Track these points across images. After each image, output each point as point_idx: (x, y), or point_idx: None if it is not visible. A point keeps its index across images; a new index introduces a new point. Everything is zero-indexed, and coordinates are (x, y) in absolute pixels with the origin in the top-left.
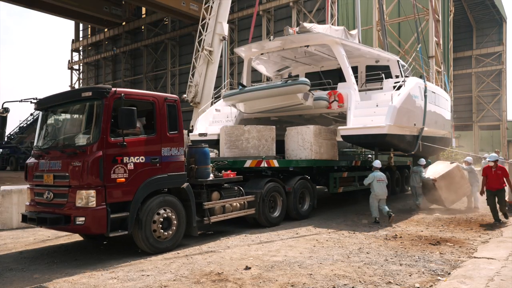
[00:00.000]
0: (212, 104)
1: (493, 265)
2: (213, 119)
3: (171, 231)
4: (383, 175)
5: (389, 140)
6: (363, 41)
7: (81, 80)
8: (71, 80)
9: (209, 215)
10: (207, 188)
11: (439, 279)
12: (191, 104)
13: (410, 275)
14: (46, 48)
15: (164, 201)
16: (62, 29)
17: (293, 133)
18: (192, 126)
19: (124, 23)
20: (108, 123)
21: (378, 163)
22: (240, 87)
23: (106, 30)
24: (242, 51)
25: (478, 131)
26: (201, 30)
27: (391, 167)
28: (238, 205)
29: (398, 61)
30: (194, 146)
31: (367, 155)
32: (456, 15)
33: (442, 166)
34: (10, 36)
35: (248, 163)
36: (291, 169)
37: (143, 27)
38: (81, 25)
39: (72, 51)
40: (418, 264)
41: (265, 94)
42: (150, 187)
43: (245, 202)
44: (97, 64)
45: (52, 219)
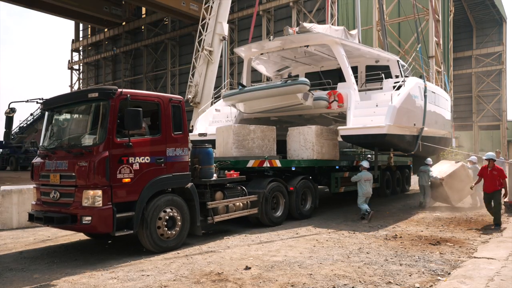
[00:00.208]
0: (212, 104)
1: (493, 265)
2: (213, 119)
3: (176, 231)
4: (370, 174)
5: (389, 140)
6: (363, 41)
7: (81, 80)
8: (71, 80)
9: (213, 215)
10: (211, 188)
11: (439, 279)
12: (191, 104)
13: (410, 275)
14: (46, 48)
15: (168, 201)
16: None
17: (295, 133)
18: (192, 126)
19: (124, 23)
20: (114, 123)
21: (366, 163)
22: (240, 87)
23: (106, 30)
24: (242, 51)
25: (478, 131)
26: (201, 30)
27: (391, 167)
28: (241, 204)
29: (398, 61)
30: (198, 146)
31: (367, 155)
32: (456, 15)
33: (448, 165)
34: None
35: (251, 163)
36: (293, 169)
37: (143, 27)
38: (81, 25)
39: (72, 51)
40: (418, 264)
41: (265, 94)
42: (155, 187)
43: (248, 201)
44: (97, 64)
45: (59, 218)
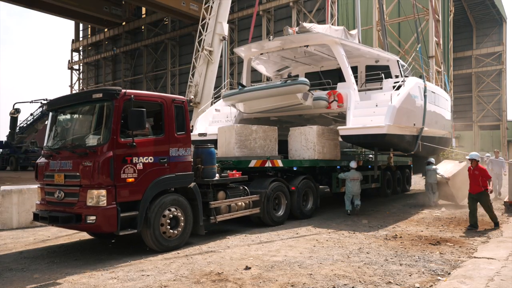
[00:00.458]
0: (212, 104)
1: (493, 265)
2: (212, 119)
3: (178, 230)
4: (358, 174)
5: (389, 140)
6: (363, 41)
7: (81, 80)
8: (71, 80)
9: (215, 214)
10: (213, 187)
11: (439, 279)
12: (191, 104)
13: (410, 275)
14: (46, 48)
15: (172, 201)
16: (62, 29)
17: (296, 134)
18: (192, 126)
19: (124, 23)
20: (118, 124)
21: (354, 163)
22: (240, 87)
23: (106, 30)
24: (242, 51)
25: (478, 131)
26: (201, 30)
27: (391, 167)
28: (243, 204)
29: (398, 61)
30: (201, 147)
31: (367, 155)
32: (456, 15)
33: (452, 165)
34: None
35: (253, 163)
36: (295, 169)
37: (143, 27)
38: (81, 25)
39: (72, 51)
40: (418, 264)
41: (265, 94)
42: (158, 187)
43: (250, 201)
44: (97, 64)
45: (64, 218)
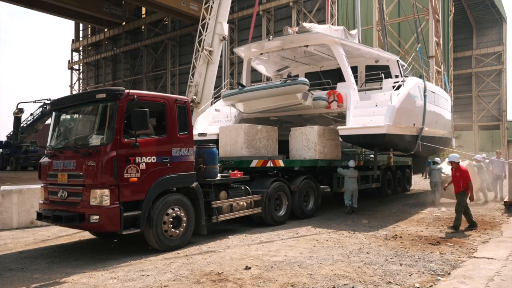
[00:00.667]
0: (212, 104)
1: (493, 265)
2: (212, 119)
3: (181, 230)
4: (356, 172)
5: (388, 140)
6: (363, 41)
7: (81, 80)
8: (71, 80)
9: (217, 214)
10: (215, 187)
11: (439, 279)
12: (191, 104)
13: (410, 275)
14: (46, 48)
15: (174, 200)
16: (62, 29)
17: (297, 134)
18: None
19: (124, 23)
20: (122, 124)
21: (352, 162)
22: (240, 87)
23: (106, 30)
24: (241, 51)
25: (478, 131)
26: (201, 30)
27: (391, 167)
28: (245, 204)
29: (397, 61)
30: (203, 147)
31: (367, 155)
32: (456, 15)
33: None
34: (10, 36)
35: (254, 163)
36: (296, 168)
37: (143, 27)
38: (81, 25)
39: (72, 51)
40: (418, 264)
41: (264, 94)
42: (161, 187)
43: (252, 201)
44: (97, 64)
45: (67, 217)
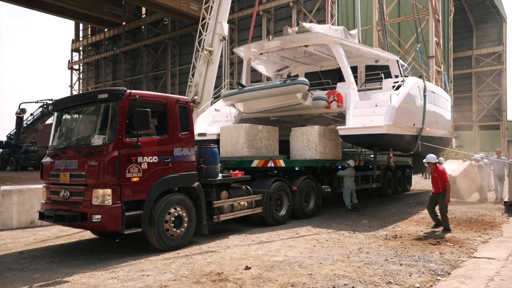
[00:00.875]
0: (212, 104)
1: (493, 265)
2: (212, 119)
3: (183, 229)
4: (354, 171)
5: (388, 140)
6: (363, 41)
7: (81, 80)
8: (71, 80)
9: (218, 214)
10: (216, 187)
11: (439, 279)
12: (192, 104)
13: (410, 275)
14: (46, 48)
15: (176, 200)
16: (62, 29)
17: (298, 134)
18: None
19: (124, 23)
20: (124, 124)
21: (352, 162)
22: (239, 87)
23: (106, 30)
24: (241, 51)
25: (478, 131)
26: (201, 30)
27: (391, 167)
28: (246, 204)
29: (397, 61)
30: (204, 147)
31: (367, 155)
32: (456, 15)
33: (456, 164)
34: (10, 36)
35: (255, 163)
36: (297, 168)
37: (143, 27)
38: (81, 25)
39: (72, 51)
40: (418, 264)
41: (264, 94)
42: (162, 186)
43: (253, 201)
44: (97, 64)
45: (69, 217)
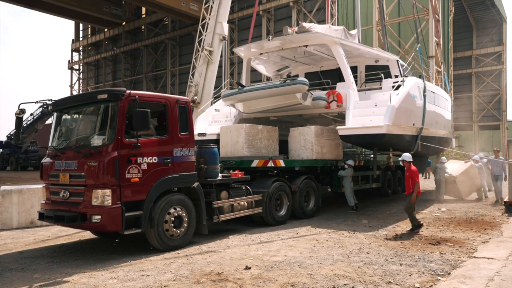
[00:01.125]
0: (212, 104)
1: (493, 265)
2: (212, 119)
3: (182, 229)
4: (353, 171)
5: (388, 140)
6: (363, 41)
7: (81, 80)
8: (71, 80)
9: (218, 214)
10: (216, 187)
11: (439, 279)
12: (192, 104)
13: (410, 275)
14: (46, 48)
15: (175, 200)
16: (62, 29)
17: (295, 134)
18: None
19: (124, 23)
20: (123, 124)
21: (352, 162)
22: (239, 87)
23: (106, 30)
24: (241, 51)
25: (478, 131)
26: (201, 30)
27: (391, 167)
28: (246, 204)
29: (397, 61)
30: (204, 147)
31: (367, 155)
32: (456, 15)
33: (458, 164)
34: (10, 36)
35: (255, 163)
36: (297, 168)
37: (143, 27)
38: (81, 25)
39: (72, 51)
40: (418, 264)
41: (264, 94)
42: (162, 187)
43: (253, 201)
44: (97, 64)
45: (69, 217)
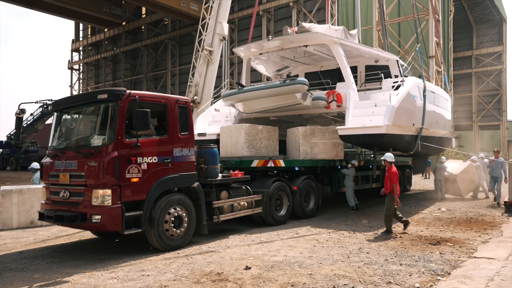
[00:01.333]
0: (211, 104)
1: (493, 265)
2: (212, 119)
3: (182, 229)
4: (354, 171)
5: (387, 140)
6: (363, 41)
7: (81, 80)
8: (71, 80)
9: (218, 214)
10: (216, 187)
11: (439, 279)
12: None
13: (410, 275)
14: (46, 48)
15: (175, 200)
16: (62, 29)
17: (289, 135)
18: None
19: (124, 23)
20: (123, 124)
21: (356, 162)
22: (239, 87)
23: (106, 30)
24: (241, 51)
25: (478, 131)
26: (201, 30)
27: None
28: (246, 204)
29: (397, 61)
30: (204, 147)
31: (367, 155)
32: (456, 15)
33: (457, 164)
34: (10, 36)
35: (255, 163)
36: (297, 168)
37: (143, 27)
38: (81, 25)
39: (72, 51)
40: (418, 264)
41: (264, 94)
42: (162, 187)
43: (253, 201)
44: (97, 64)
45: (69, 217)
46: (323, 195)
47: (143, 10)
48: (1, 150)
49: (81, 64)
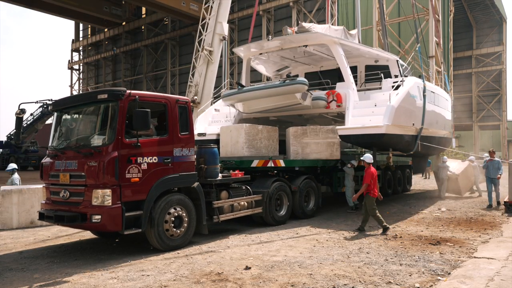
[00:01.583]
0: (211, 104)
1: (493, 265)
2: (212, 119)
3: (182, 229)
4: (353, 171)
5: (387, 140)
6: (363, 41)
7: (81, 80)
8: (71, 80)
9: (218, 214)
10: (216, 187)
11: (439, 279)
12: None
13: (410, 275)
14: (46, 48)
15: (175, 200)
16: (62, 29)
17: (287, 134)
18: None
19: (124, 23)
20: (123, 124)
21: (355, 162)
22: (239, 87)
23: (106, 30)
24: (241, 51)
25: (478, 131)
26: (201, 30)
27: (390, 167)
28: (246, 204)
29: (397, 61)
30: (204, 147)
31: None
32: (456, 15)
33: (457, 163)
34: (10, 36)
35: (255, 163)
36: (297, 168)
37: (143, 27)
38: (81, 25)
39: (72, 51)
40: (418, 264)
41: (264, 94)
42: (162, 187)
43: (253, 201)
44: (97, 64)
45: (69, 217)
46: (323, 195)
47: (143, 10)
48: (1, 150)
49: (81, 64)
